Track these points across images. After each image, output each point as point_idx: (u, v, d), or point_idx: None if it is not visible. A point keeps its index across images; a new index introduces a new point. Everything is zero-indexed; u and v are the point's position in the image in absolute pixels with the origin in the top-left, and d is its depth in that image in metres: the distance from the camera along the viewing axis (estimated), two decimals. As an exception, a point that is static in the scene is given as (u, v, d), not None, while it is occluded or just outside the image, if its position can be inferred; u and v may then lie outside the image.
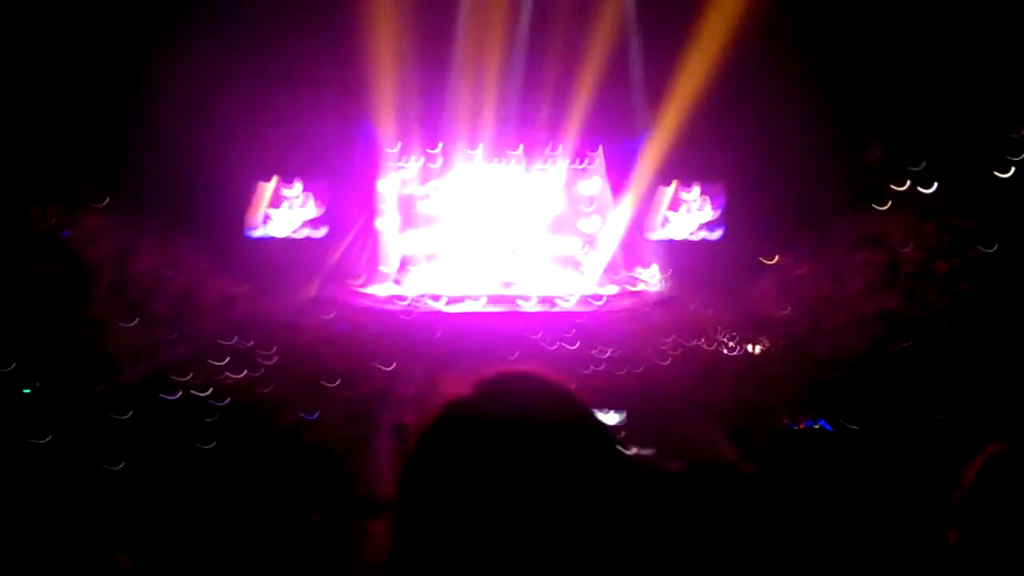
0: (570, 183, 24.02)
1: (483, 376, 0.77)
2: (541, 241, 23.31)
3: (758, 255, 22.15)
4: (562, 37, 21.56)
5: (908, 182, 22.43)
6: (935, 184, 20.51)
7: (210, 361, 12.44)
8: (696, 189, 24.19)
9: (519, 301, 19.55)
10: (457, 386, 0.76)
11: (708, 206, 24.34)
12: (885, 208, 21.18)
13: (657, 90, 21.96)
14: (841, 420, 9.55)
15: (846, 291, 16.45)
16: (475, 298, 19.63)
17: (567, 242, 23.72)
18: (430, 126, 22.54)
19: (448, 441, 0.73)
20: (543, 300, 19.78)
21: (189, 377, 11.34)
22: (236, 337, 14.08)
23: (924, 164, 22.68)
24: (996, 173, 18.00)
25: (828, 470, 8.60)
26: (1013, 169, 17.88)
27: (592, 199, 24.06)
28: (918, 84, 18.83)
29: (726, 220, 23.97)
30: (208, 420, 9.53)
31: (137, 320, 13.51)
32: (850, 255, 18.43)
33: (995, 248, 14.34)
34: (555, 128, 23.19)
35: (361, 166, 23.28)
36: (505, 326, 15.68)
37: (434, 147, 23.32)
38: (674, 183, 24.15)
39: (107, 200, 20.18)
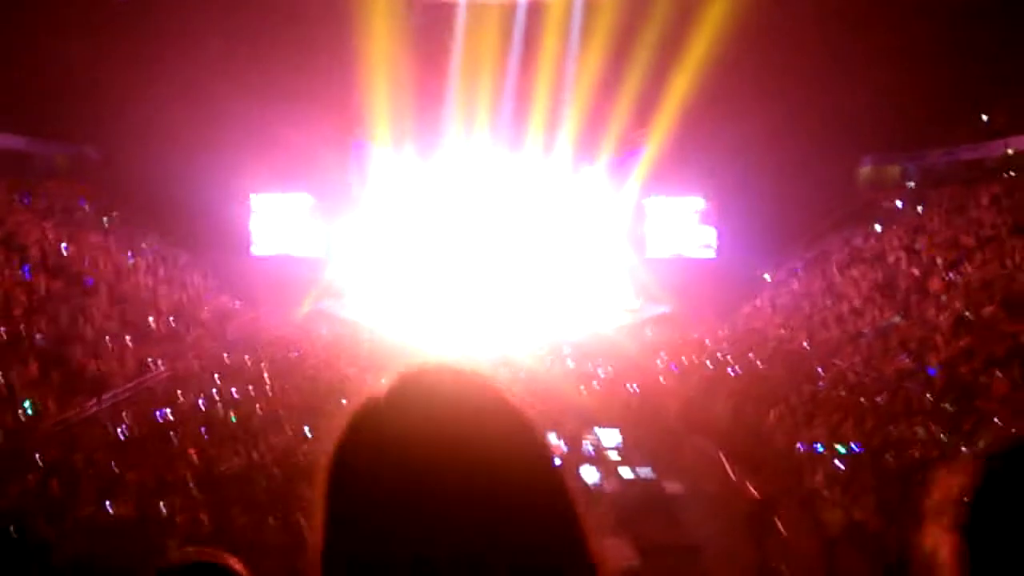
0: (566, 201, 24.02)
1: (395, 376, 0.73)
2: (536, 259, 23.26)
3: (753, 272, 22.20)
4: (554, 54, 21.70)
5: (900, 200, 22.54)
6: (926, 202, 20.60)
7: (205, 376, 12.37)
8: (692, 208, 24.30)
9: (511, 318, 19.43)
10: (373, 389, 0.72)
11: (704, 225, 24.40)
12: (879, 225, 21.26)
13: (651, 110, 22.02)
14: (840, 442, 9.46)
15: (841, 307, 16.43)
16: (468, 315, 19.53)
17: (562, 261, 23.67)
18: (425, 146, 22.64)
19: (358, 455, 0.70)
20: (536, 317, 19.67)
21: (182, 393, 11.26)
22: (232, 353, 14.01)
23: (914, 183, 22.82)
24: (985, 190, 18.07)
25: (826, 491, 8.53)
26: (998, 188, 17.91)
27: (587, 217, 24.06)
28: (911, 101, 18.95)
29: (721, 239, 24.05)
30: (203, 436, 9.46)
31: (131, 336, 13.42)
32: (844, 271, 18.46)
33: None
34: (549, 146, 23.17)
35: (358, 186, 23.27)
36: (499, 341, 15.59)
37: (429, 167, 23.35)
38: (669, 202, 24.26)
39: (107, 218, 20.27)
